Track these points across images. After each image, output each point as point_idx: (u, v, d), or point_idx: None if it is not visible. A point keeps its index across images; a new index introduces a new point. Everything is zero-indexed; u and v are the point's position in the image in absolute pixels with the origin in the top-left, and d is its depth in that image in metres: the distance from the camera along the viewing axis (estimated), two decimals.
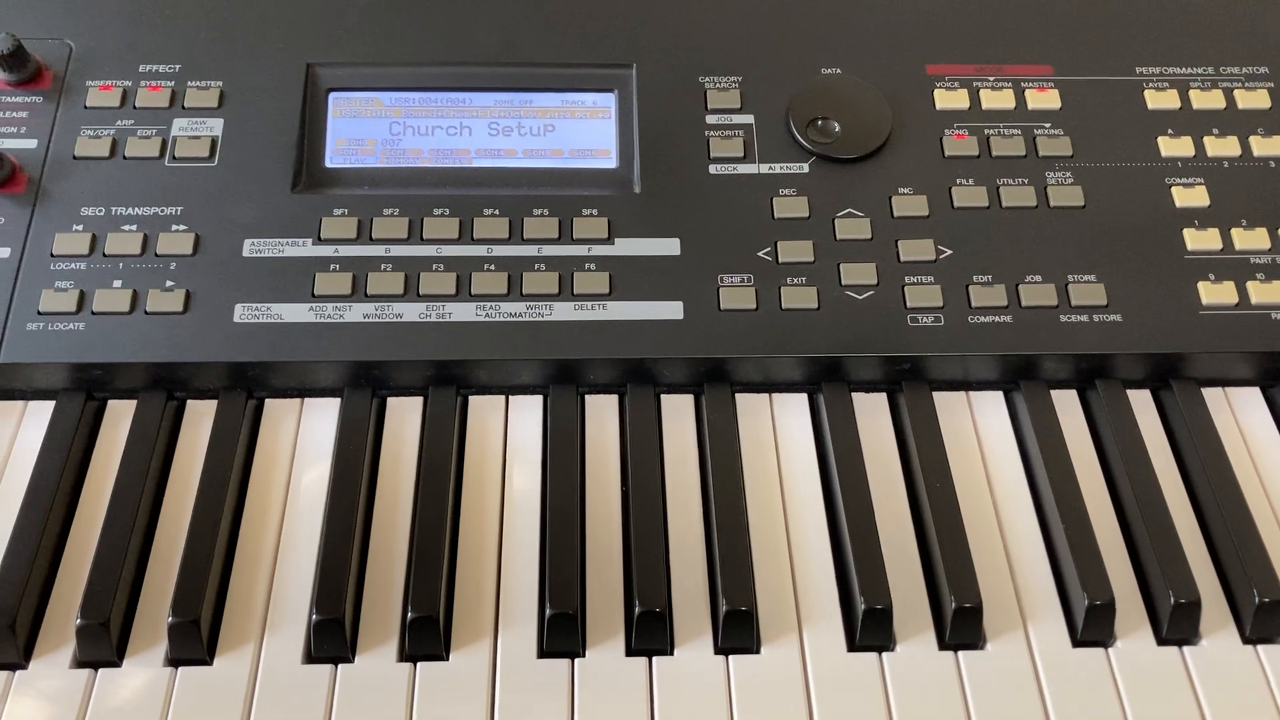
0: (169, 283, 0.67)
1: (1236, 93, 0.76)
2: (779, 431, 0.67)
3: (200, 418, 0.67)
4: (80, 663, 0.58)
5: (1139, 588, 0.61)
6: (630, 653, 0.59)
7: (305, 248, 0.69)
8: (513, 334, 0.67)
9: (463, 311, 0.67)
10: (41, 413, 0.66)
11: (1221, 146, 0.74)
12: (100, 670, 0.57)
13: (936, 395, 0.68)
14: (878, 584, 0.59)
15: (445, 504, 0.62)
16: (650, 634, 0.58)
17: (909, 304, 0.68)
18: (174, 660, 0.58)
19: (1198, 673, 0.58)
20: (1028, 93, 0.75)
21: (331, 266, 0.68)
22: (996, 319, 0.68)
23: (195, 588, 0.58)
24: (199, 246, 0.68)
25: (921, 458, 0.65)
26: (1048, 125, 0.74)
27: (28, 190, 0.70)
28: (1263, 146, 0.74)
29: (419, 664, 0.58)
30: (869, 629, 0.58)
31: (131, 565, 0.60)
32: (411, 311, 0.67)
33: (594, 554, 0.62)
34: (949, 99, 0.75)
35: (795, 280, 0.68)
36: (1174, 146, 0.74)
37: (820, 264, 0.69)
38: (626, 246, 0.69)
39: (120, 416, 0.67)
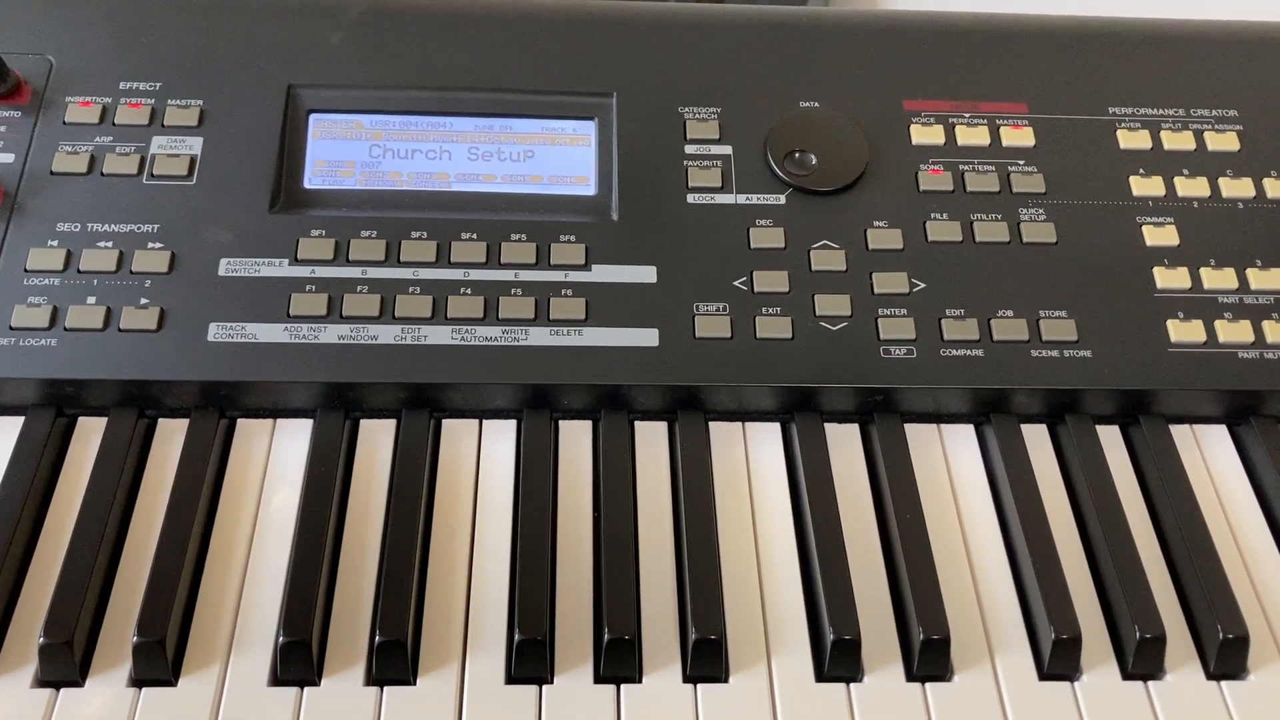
0: (143, 300, 0.67)
1: (1206, 134, 0.77)
2: (751, 460, 0.67)
3: (171, 436, 0.67)
4: (42, 682, 0.57)
5: (1105, 622, 0.62)
6: (599, 680, 0.58)
7: (281, 268, 0.69)
8: (488, 358, 0.67)
9: (438, 335, 0.67)
10: (10, 428, 0.65)
11: (1191, 187, 0.75)
12: (62, 690, 0.57)
13: (908, 427, 0.68)
14: (847, 615, 0.59)
15: (416, 527, 0.62)
16: (619, 661, 0.58)
17: (882, 336, 0.68)
18: (138, 680, 0.57)
19: (1162, 708, 0.58)
20: (1002, 130, 0.76)
21: (307, 287, 0.68)
22: (968, 352, 0.68)
23: (161, 607, 0.58)
24: (175, 264, 0.68)
25: (892, 489, 0.65)
26: (1021, 162, 0.75)
27: (3, 205, 0.69)
28: (1231, 188, 0.75)
29: (386, 688, 0.57)
30: (837, 659, 0.59)
31: (97, 584, 0.60)
32: (387, 334, 0.67)
33: (564, 580, 0.62)
34: (925, 134, 0.76)
35: (770, 310, 0.69)
36: (1145, 186, 0.75)
37: (795, 294, 0.70)
38: (603, 273, 0.70)
39: (90, 433, 0.66)
